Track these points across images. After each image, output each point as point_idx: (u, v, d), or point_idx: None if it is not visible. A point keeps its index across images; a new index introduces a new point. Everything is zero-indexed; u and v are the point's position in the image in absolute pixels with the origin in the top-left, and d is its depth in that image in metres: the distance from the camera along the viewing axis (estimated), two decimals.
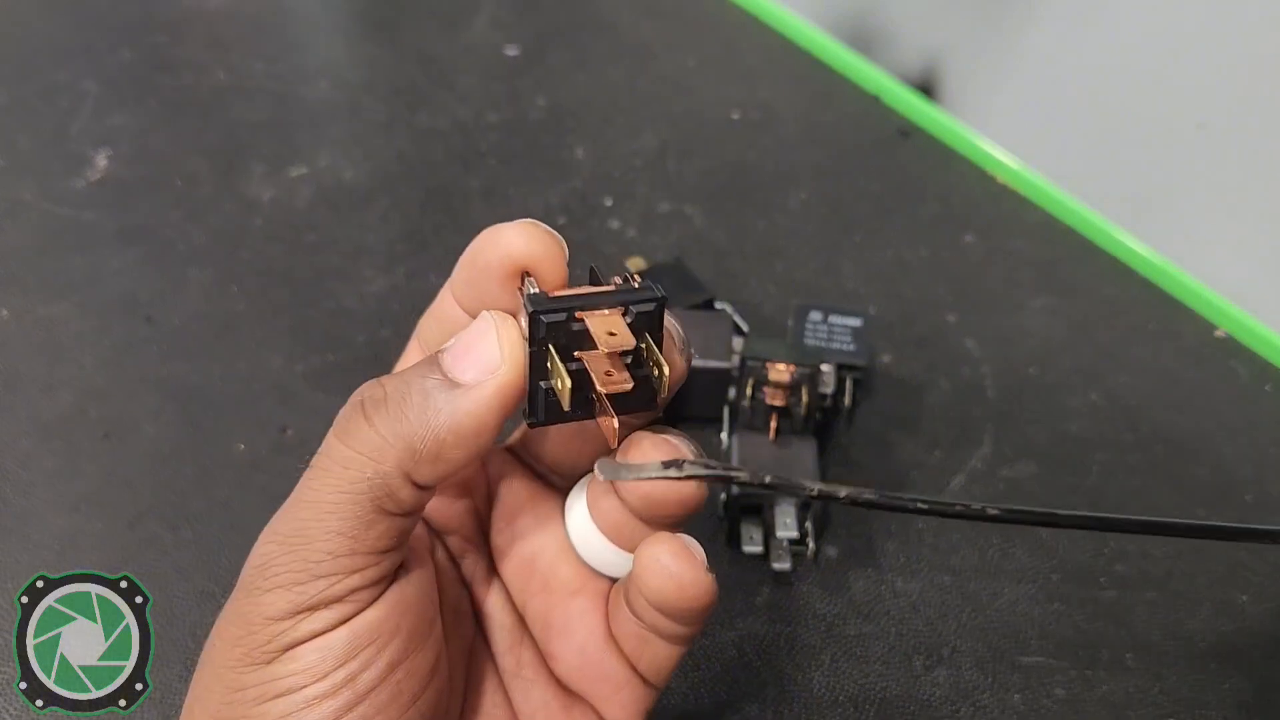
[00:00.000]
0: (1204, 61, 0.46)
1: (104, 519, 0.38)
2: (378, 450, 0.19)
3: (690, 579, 0.21)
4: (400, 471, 0.20)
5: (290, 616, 0.20)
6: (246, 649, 0.20)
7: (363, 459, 0.20)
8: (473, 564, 0.25)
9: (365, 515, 0.20)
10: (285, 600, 0.20)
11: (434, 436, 0.19)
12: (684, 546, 0.21)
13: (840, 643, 0.36)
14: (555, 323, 0.19)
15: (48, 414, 0.42)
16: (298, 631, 0.20)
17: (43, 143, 0.54)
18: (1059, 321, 0.48)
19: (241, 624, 0.20)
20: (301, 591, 0.20)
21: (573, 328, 0.19)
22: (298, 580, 0.20)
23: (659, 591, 0.21)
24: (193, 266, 0.48)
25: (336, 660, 0.20)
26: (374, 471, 0.19)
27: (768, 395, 0.38)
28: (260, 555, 0.20)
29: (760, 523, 0.38)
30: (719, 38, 0.65)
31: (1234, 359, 0.47)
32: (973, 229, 0.53)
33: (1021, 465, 0.42)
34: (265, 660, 0.20)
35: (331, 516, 0.20)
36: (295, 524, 0.20)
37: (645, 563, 0.21)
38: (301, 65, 0.61)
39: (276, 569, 0.20)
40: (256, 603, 0.20)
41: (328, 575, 0.20)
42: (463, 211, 0.52)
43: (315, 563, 0.20)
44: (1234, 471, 0.42)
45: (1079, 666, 0.36)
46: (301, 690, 0.19)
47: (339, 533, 0.20)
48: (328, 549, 0.20)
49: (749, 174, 0.55)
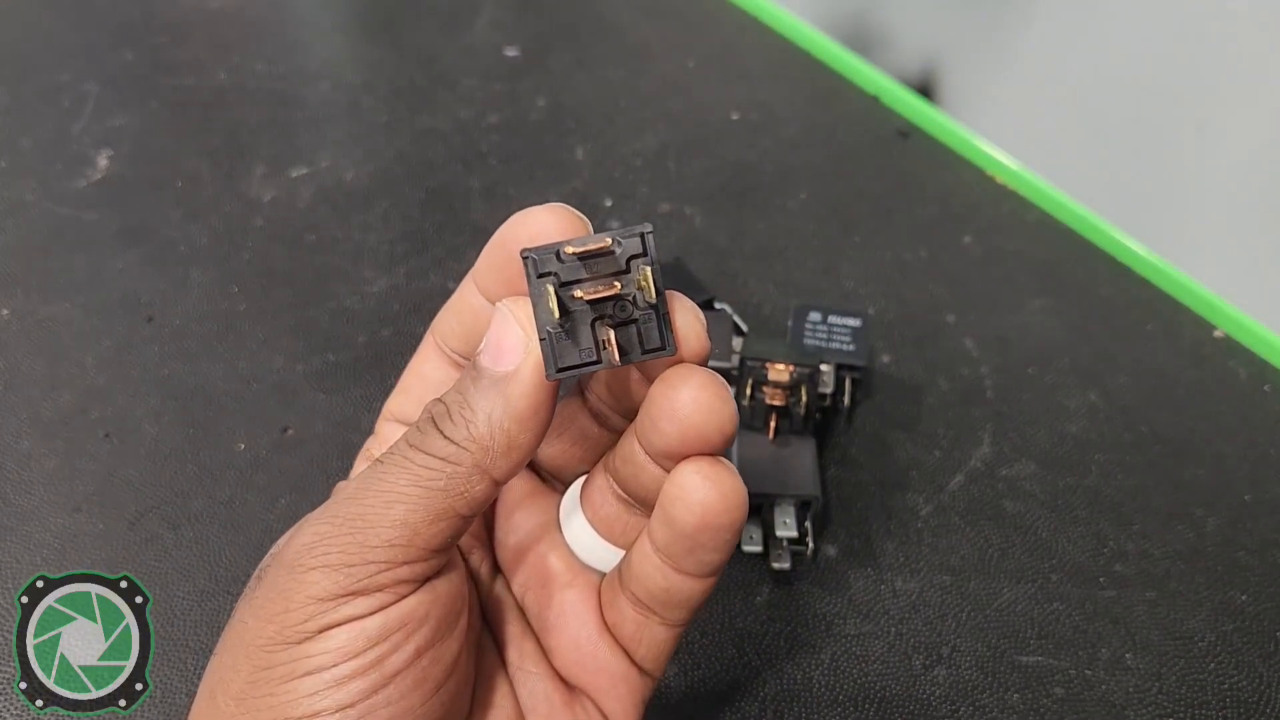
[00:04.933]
0: (1203, 61, 0.46)
1: (105, 519, 0.38)
2: (455, 454, 0.20)
3: (730, 486, 0.21)
4: (478, 470, 0.20)
5: (334, 598, 0.20)
6: (280, 626, 0.20)
7: (440, 462, 0.20)
8: (479, 559, 0.25)
9: (433, 511, 0.20)
10: (331, 580, 0.20)
11: (501, 429, 0.20)
12: (718, 459, 0.21)
13: (839, 642, 0.36)
14: (543, 257, 0.20)
15: (48, 414, 0.42)
16: (337, 614, 0.20)
17: (44, 143, 0.54)
18: (1058, 322, 0.48)
19: (280, 600, 0.20)
20: (350, 574, 0.20)
21: (569, 272, 0.20)
22: (349, 561, 0.20)
23: (699, 504, 0.21)
24: (194, 266, 0.48)
25: (368, 641, 0.20)
26: (452, 472, 0.20)
27: (767, 395, 0.38)
28: (312, 533, 0.21)
29: (759, 522, 0.38)
30: (719, 38, 0.65)
31: (1233, 359, 0.47)
32: (972, 229, 0.53)
33: (1020, 465, 0.42)
34: (297, 640, 0.20)
35: (400, 505, 0.20)
36: (358, 508, 0.20)
37: (682, 481, 0.21)
38: (302, 66, 0.61)
39: (327, 548, 0.20)
40: (300, 580, 0.20)
41: (380, 562, 0.20)
42: (463, 212, 0.52)
43: (372, 547, 0.20)
44: (1233, 471, 0.42)
45: (1078, 666, 0.36)
46: (331, 669, 0.20)
47: (404, 523, 0.20)
48: (387, 536, 0.20)
49: (749, 174, 0.55)
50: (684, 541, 0.21)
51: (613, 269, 0.20)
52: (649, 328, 0.20)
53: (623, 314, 0.20)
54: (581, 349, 0.20)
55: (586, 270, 0.20)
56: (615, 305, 0.20)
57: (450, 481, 0.20)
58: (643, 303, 0.20)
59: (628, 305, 0.20)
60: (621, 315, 0.20)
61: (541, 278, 0.20)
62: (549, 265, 0.20)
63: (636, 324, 0.20)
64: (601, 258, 0.20)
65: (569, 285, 0.20)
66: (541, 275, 0.20)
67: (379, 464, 0.21)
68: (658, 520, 0.22)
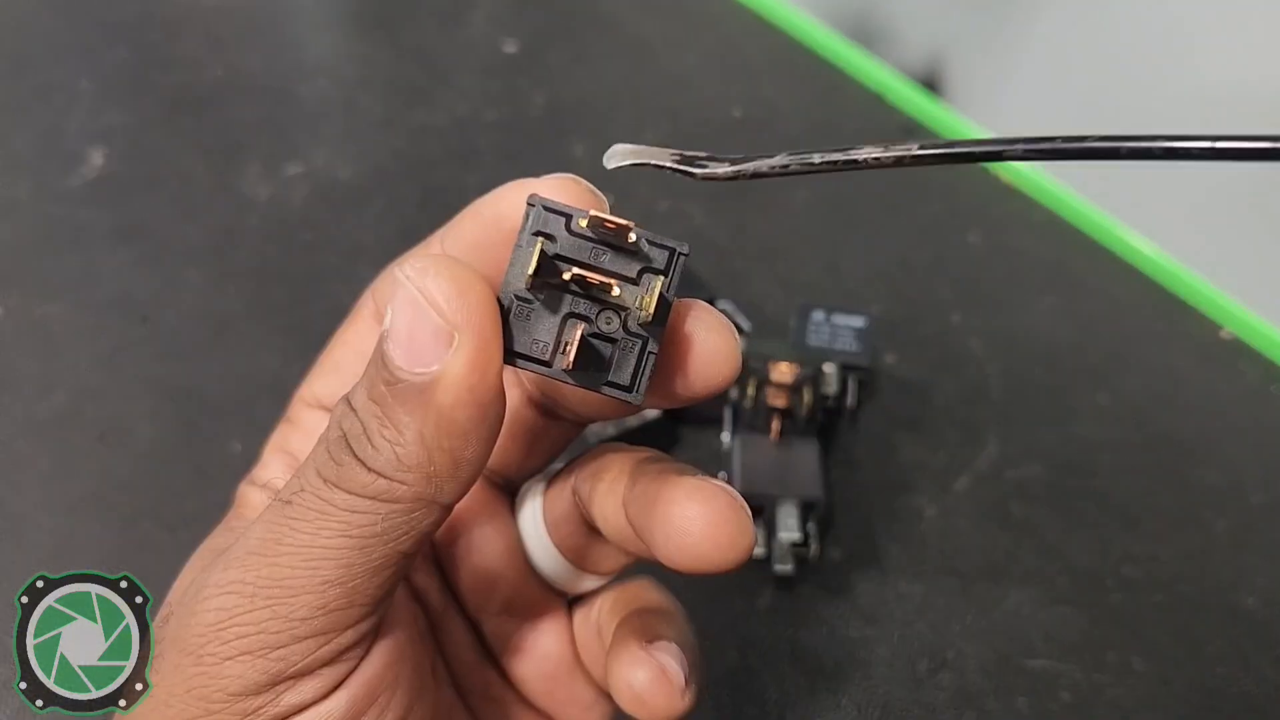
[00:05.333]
0: (1211, 57, 0.46)
1: (99, 521, 0.38)
2: (387, 490, 0.16)
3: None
4: (422, 502, 0.16)
5: (267, 689, 0.16)
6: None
7: (371, 503, 0.16)
8: (425, 578, 0.22)
9: (371, 563, 0.16)
10: (258, 669, 0.16)
11: (440, 449, 0.16)
12: (661, 673, 0.19)
13: (843, 646, 0.36)
14: (551, 215, 0.16)
15: (43, 414, 0.41)
16: (278, 707, 0.16)
17: (38, 141, 0.53)
18: (1065, 322, 0.48)
19: (194, 703, 0.16)
20: (281, 657, 0.16)
21: (571, 248, 0.17)
22: (275, 643, 0.16)
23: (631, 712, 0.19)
24: (189, 265, 0.48)
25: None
26: (388, 511, 0.16)
27: (770, 396, 0.37)
28: (216, 610, 0.16)
29: (762, 524, 0.37)
30: (720, 34, 0.65)
31: (1241, 360, 0.47)
32: (977, 228, 0.52)
33: (1027, 467, 0.41)
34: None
35: (328, 564, 0.16)
36: (272, 570, 0.16)
37: (619, 689, 0.19)
38: (298, 62, 0.61)
39: (241, 628, 0.16)
40: (214, 674, 0.16)
41: (317, 635, 0.16)
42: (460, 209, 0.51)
43: (300, 620, 0.16)
44: (1241, 473, 0.42)
45: (1085, 670, 0.35)
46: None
47: (336, 583, 0.16)
48: (318, 602, 0.16)
49: None
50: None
51: (621, 270, 0.17)
52: (626, 357, 0.17)
53: (605, 326, 0.17)
54: (534, 339, 0.17)
55: (590, 257, 0.17)
56: (600, 312, 0.17)
57: (389, 523, 0.16)
58: (634, 326, 0.17)
59: (614, 319, 0.17)
60: (603, 327, 0.17)
61: (536, 235, 0.16)
62: (552, 227, 0.16)
63: (615, 346, 0.17)
64: (614, 251, 0.17)
65: (563, 262, 0.16)
66: (538, 234, 0.16)
67: (288, 508, 0.17)
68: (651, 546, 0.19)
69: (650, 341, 0.17)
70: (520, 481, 0.23)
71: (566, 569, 0.22)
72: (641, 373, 0.17)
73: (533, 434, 0.21)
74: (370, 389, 0.16)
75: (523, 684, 0.22)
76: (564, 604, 0.23)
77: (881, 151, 0.16)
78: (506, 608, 0.22)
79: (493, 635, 0.22)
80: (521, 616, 0.22)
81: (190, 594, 0.17)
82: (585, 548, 0.21)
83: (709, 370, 0.17)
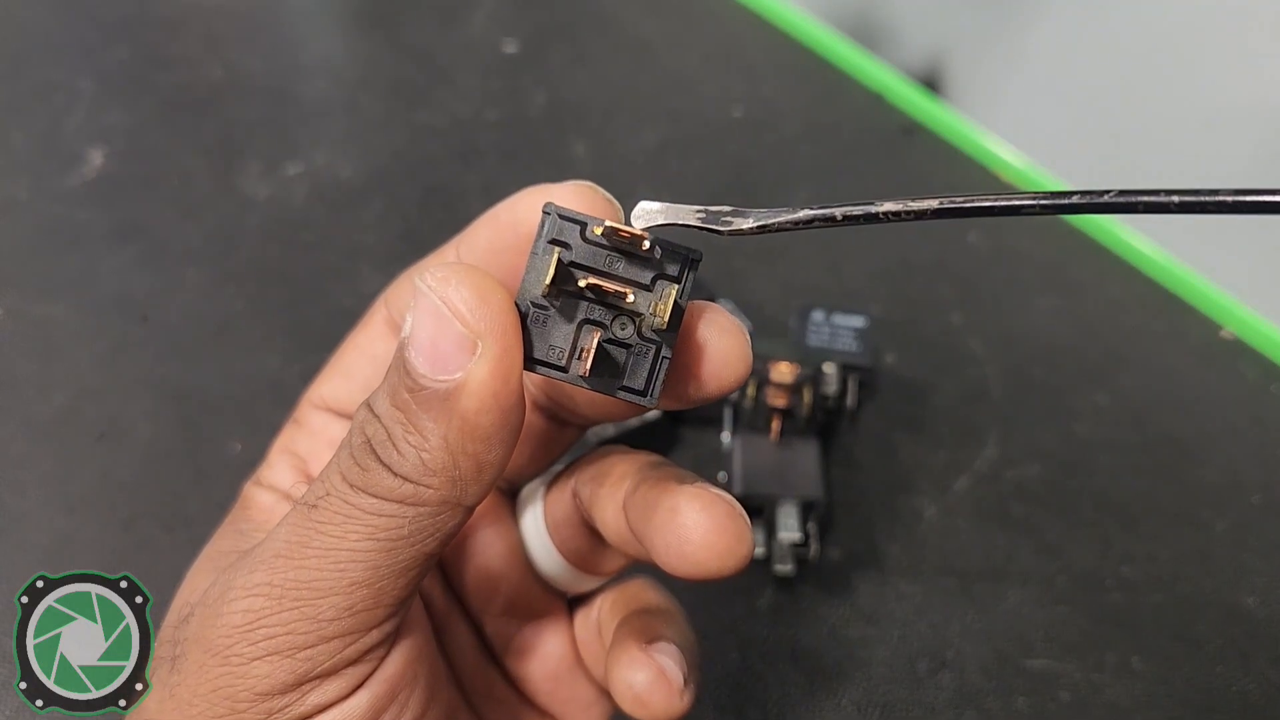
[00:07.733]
0: (1211, 58, 0.46)
1: (99, 521, 0.38)
2: (414, 494, 0.16)
3: (664, 710, 0.19)
4: (448, 504, 0.17)
5: (293, 689, 0.17)
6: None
7: (398, 506, 0.17)
8: (429, 581, 0.22)
9: (398, 565, 0.17)
10: (285, 669, 0.16)
11: (465, 454, 0.16)
12: (660, 674, 0.19)
13: (843, 646, 0.36)
14: (567, 223, 0.17)
15: (42, 414, 0.41)
16: (303, 706, 0.17)
17: (38, 141, 0.53)
18: (1064, 322, 0.48)
19: (220, 701, 0.17)
20: (308, 657, 0.16)
21: (586, 256, 0.17)
22: (303, 644, 0.16)
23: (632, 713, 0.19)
24: (189, 265, 0.48)
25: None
26: (415, 515, 0.16)
27: (770, 396, 0.37)
28: (243, 611, 0.17)
29: (762, 524, 0.37)
30: (721, 34, 0.65)
31: (1240, 359, 0.47)
32: (977, 228, 0.52)
33: (1027, 467, 0.41)
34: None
35: (355, 566, 0.16)
36: (299, 573, 0.17)
37: (618, 690, 0.19)
38: (298, 62, 0.61)
39: (270, 629, 0.16)
40: (241, 674, 0.16)
41: (343, 635, 0.17)
42: (461, 210, 0.51)
43: (328, 621, 0.17)
44: (1241, 473, 0.42)
45: (1085, 670, 0.35)
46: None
47: (363, 584, 0.17)
48: (345, 604, 0.17)
49: (751, 172, 0.55)
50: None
51: (634, 277, 0.17)
52: (640, 361, 0.17)
53: (620, 332, 0.17)
54: (551, 345, 0.17)
55: (605, 265, 0.17)
56: (615, 318, 0.17)
57: (415, 526, 0.16)
58: (648, 331, 0.17)
59: (629, 325, 0.17)
60: (618, 333, 0.17)
61: (552, 244, 0.17)
62: (567, 235, 0.17)
63: (629, 351, 0.17)
64: (628, 258, 0.17)
65: (578, 270, 0.17)
66: (554, 242, 0.17)
67: (313, 512, 0.17)
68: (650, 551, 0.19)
69: (664, 347, 0.17)
70: (522, 484, 0.23)
71: (567, 570, 0.22)
72: (656, 377, 0.17)
73: (536, 438, 0.22)
74: (393, 395, 0.17)
75: (524, 683, 0.22)
76: (565, 604, 0.23)
77: (902, 206, 0.16)
78: (508, 608, 0.22)
79: (494, 636, 0.22)
80: (523, 617, 0.22)
81: (214, 595, 0.18)
82: (586, 549, 0.21)
83: (722, 373, 0.17)
